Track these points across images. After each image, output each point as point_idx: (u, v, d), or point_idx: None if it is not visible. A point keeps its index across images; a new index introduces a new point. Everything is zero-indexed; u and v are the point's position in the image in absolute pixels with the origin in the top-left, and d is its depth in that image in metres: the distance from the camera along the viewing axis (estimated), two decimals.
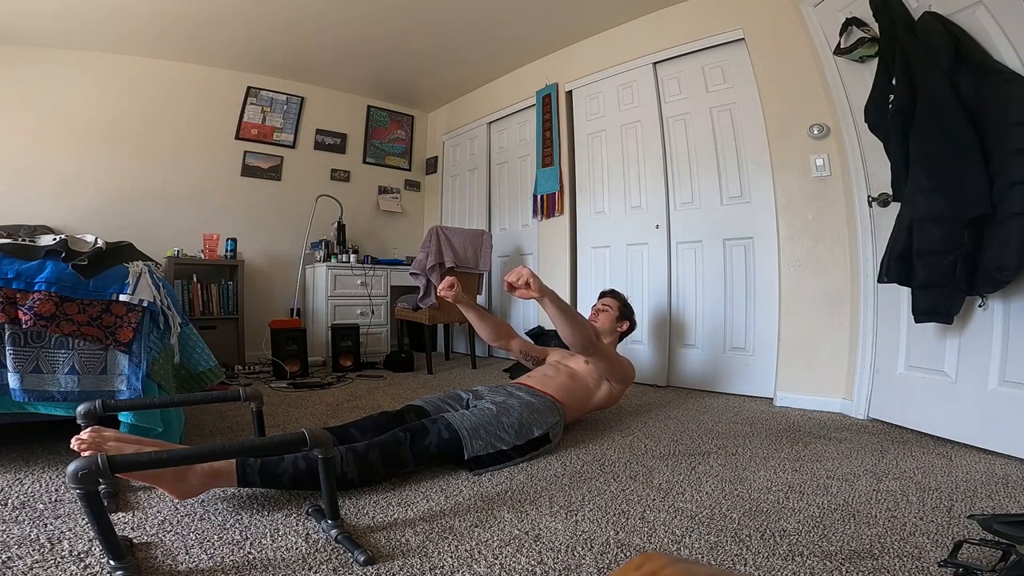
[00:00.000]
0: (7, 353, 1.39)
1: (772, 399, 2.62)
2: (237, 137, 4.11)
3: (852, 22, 2.14)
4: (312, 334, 3.79)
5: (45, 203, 3.43)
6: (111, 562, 0.90)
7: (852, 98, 2.28)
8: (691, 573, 0.43)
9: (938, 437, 1.93)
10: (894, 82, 1.86)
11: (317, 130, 4.47)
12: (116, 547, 0.90)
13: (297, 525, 1.15)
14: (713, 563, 1.03)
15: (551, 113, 3.73)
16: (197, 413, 2.14)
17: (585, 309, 2.68)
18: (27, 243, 1.65)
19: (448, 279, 1.90)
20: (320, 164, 4.49)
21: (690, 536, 1.14)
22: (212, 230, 3.74)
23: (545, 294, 1.69)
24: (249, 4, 3.13)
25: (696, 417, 2.31)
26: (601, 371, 1.98)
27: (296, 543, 1.07)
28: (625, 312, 2.26)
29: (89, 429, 1.16)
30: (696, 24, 2.97)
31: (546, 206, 3.74)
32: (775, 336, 2.64)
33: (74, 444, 1.12)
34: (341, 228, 4.20)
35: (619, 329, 2.24)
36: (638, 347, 3.16)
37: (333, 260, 4.04)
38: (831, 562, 1.02)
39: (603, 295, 2.33)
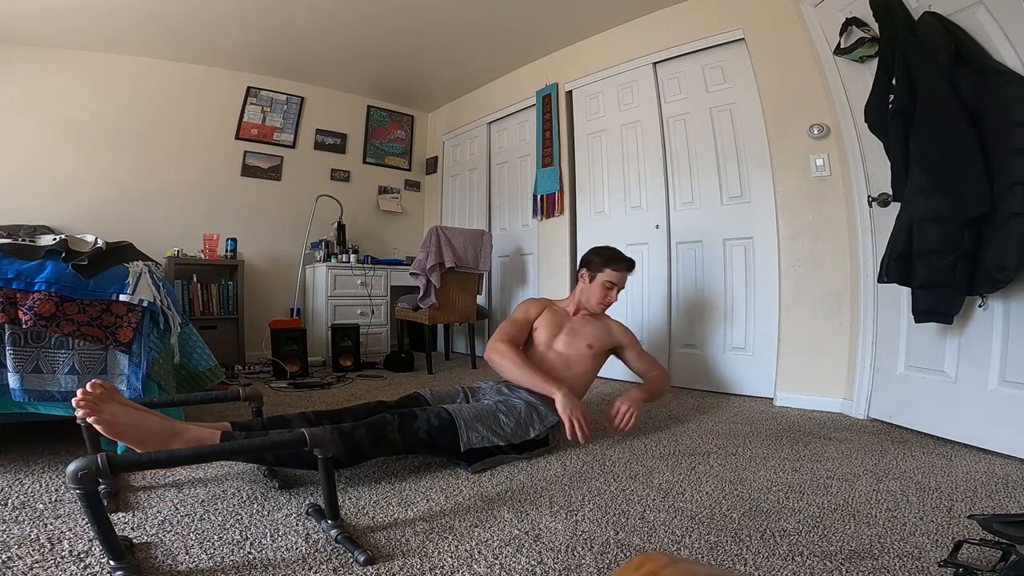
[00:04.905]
0: (7, 353, 1.39)
1: (772, 399, 2.62)
2: (237, 137, 4.11)
3: (852, 22, 2.14)
4: (312, 334, 3.78)
5: (45, 203, 3.42)
6: (111, 562, 0.90)
7: (852, 98, 2.27)
8: (691, 573, 0.43)
9: (938, 437, 1.93)
10: (894, 82, 1.86)
11: (317, 130, 4.47)
12: (116, 547, 0.90)
13: (297, 525, 1.15)
14: (713, 563, 1.03)
15: (551, 113, 3.72)
16: (197, 413, 2.14)
17: None
18: (27, 243, 1.65)
19: (583, 434, 1.69)
20: (320, 164, 4.48)
21: (690, 536, 1.14)
22: (212, 230, 3.74)
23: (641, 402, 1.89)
24: (249, 4, 3.12)
25: (696, 417, 2.31)
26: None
27: (296, 543, 1.07)
28: None
29: (90, 384, 1.14)
30: (696, 24, 2.97)
31: (546, 206, 3.74)
32: (775, 336, 2.64)
33: (74, 401, 1.12)
34: (341, 228, 4.20)
35: None
36: None
37: (333, 260, 4.04)
38: (831, 562, 1.02)
39: (619, 265, 2.06)
